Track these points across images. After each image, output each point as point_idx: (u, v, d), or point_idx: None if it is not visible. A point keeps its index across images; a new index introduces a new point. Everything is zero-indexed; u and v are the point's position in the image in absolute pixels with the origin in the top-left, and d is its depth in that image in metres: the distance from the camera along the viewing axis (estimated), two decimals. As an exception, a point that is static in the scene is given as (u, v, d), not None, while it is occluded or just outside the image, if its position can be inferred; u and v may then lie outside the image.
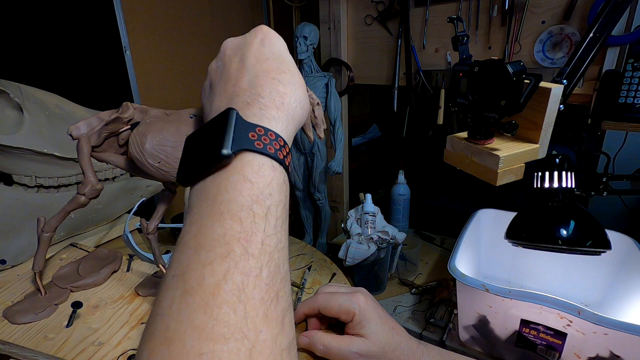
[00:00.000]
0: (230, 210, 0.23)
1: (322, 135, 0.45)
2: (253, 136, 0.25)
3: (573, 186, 0.57)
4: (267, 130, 0.26)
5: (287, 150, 0.27)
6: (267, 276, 0.22)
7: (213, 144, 0.24)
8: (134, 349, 0.42)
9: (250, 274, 0.21)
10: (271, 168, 0.25)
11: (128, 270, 0.58)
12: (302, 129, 0.43)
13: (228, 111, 0.26)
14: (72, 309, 0.46)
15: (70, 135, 0.41)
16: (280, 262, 0.24)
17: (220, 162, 0.24)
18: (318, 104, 0.43)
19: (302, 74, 1.22)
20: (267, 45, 0.31)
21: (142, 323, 0.46)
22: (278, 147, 0.26)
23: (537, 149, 0.53)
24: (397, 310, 0.93)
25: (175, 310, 0.20)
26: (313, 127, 0.45)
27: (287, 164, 0.27)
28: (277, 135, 0.27)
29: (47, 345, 0.42)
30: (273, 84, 0.29)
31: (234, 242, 0.22)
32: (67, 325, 0.45)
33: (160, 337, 0.20)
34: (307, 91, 0.39)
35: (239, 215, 0.23)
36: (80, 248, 0.63)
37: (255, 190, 0.24)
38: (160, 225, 0.53)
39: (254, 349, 0.20)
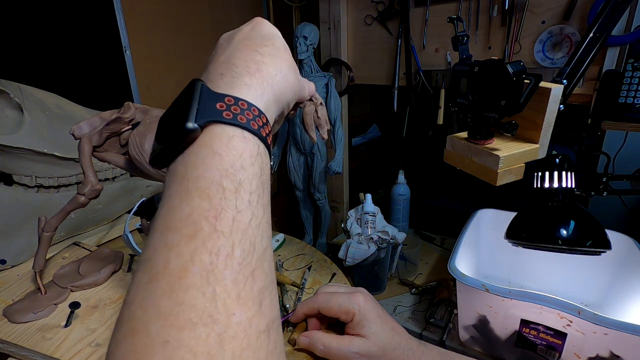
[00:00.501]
0: (198, 187, 0.22)
1: (325, 136, 0.44)
2: (221, 106, 0.24)
3: (573, 186, 0.57)
4: (237, 99, 0.25)
5: (264, 120, 0.26)
6: (240, 255, 0.21)
7: (178, 119, 0.23)
8: None
9: (220, 254, 0.20)
10: (242, 139, 0.24)
11: (129, 270, 0.58)
12: (305, 130, 0.43)
13: (193, 82, 0.25)
14: (70, 310, 0.46)
15: (73, 134, 0.41)
16: (256, 240, 0.22)
17: (186, 137, 0.23)
18: (321, 104, 0.42)
19: (302, 74, 1.21)
20: (257, 29, 0.30)
21: (141, 323, 0.46)
22: (251, 116, 0.25)
23: (537, 149, 0.53)
24: (397, 310, 0.93)
25: (140, 297, 0.19)
26: (316, 128, 0.43)
27: (264, 134, 0.25)
28: (250, 105, 0.25)
29: (44, 345, 0.42)
30: (250, 54, 0.28)
31: (201, 220, 0.21)
32: (65, 326, 0.45)
33: (125, 327, 0.19)
34: (313, 86, 0.39)
35: (207, 192, 0.21)
36: (83, 247, 0.63)
37: (225, 163, 0.22)
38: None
39: (225, 333, 0.18)
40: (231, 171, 0.22)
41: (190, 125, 0.22)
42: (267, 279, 0.22)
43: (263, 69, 0.27)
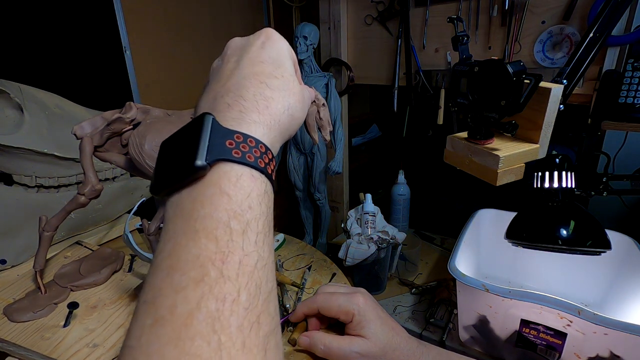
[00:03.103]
0: (206, 227, 0.21)
1: (327, 137, 0.43)
2: (230, 144, 0.24)
3: (573, 186, 0.57)
4: (246, 136, 0.24)
5: (270, 157, 0.26)
6: (245, 299, 0.20)
7: (187, 153, 0.23)
8: None
9: (226, 300, 0.20)
10: (250, 178, 0.24)
11: (130, 270, 0.58)
12: (307, 130, 0.42)
13: (203, 116, 0.24)
14: (68, 310, 0.46)
15: (75, 134, 0.41)
16: (262, 282, 0.22)
17: (195, 174, 0.23)
18: (324, 104, 0.41)
19: (302, 74, 1.21)
20: (267, 48, 0.30)
21: (141, 323, 0.46)
22: (259, 154, 0.24)
23: (537, 149, 0.53)
24: (397, 310, 0.93)
25: (144, 342, 0.19)
26: (318, 128, 0.43)
27: (269, 172, 0.25)
28: (258, 142, 0.25)
29: (42, 345, 0.42)
30: (260, 87, 0.27)
31: (208, 264, 0.20)
32: (64, 326, 0.45)
33: None
34: (313, 91, 0.38)
35: (214, 234, 0.21)
36: (85, 246, 0.63)
37: (233, 204, 0.22)
38: (161, 225, 0.52)
39: None
40: (239, 212, 0.22)
41: (200, 163, 0.22)
42: (273, 323, 0.22)
43: (272, 105, 0.27)
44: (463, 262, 0.75)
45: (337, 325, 0.44)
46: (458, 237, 0.81)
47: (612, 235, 0.67)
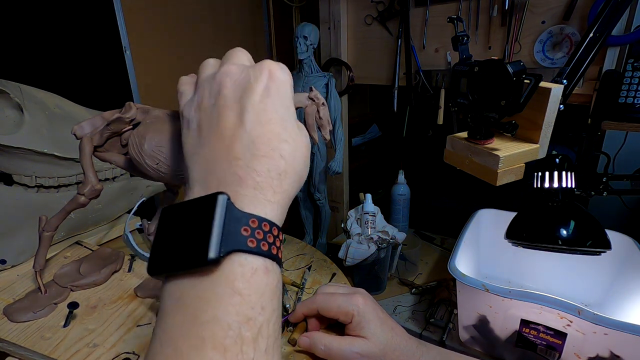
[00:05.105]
0: (214, 335, 0.19)
1: (327, 137, 0.43)
2: (246, 231, 0.21)
3: (573, 186, 0.57)
4: (261, 220, 0.22)
5: (281, 238, 0.23)
6: None
7: (197, 240, 0.20)
8: (127, 352, 0.42)
9: None
10: (265, 272, 0.21)
11: (129, 270, 0.58)
12: (307, 130, 0.42)
13: (216, 197, 0.21)
14: (68, 310, 0.46)
15: (74, 134, 0.41)
16: None
17: (204, 267, 0.20)
18: (323, 104, 0.40)
19: (302, 74, 1.21)
20: (272, 96, 0.25)
21: (137, 325, 0.46)
22: (272, 239, 0.22)
23: (537, 149, 0.53)
24: (397, 310, 0.93)
25: None
26: (318, 128, 0.43)
27: (280, 256, 0.23)
28: (272, 224, 0.22)
29: (43, 345, 0.42)
30: (273, 158, 0.24)
31: None
32: (64, 326, 0.45)
33: None
34: (313, 90, 0.38)
35: (223, 343, 0.19)
36: (85, 247, 0.63)
37: (246, 306, 0.20)
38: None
39: None
40: (251, 315, 0.20)
41: (213, 256, 0.19)
42: None
43: (285, 181, 0.24)
44: (463, 262, 0.75)
45: (336, 326, 0.44)
46: (458, 237, 0.81)
47: (612, 235, 0.67)
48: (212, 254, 0.19)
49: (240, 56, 0.27)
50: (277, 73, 0.26)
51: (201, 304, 0.20)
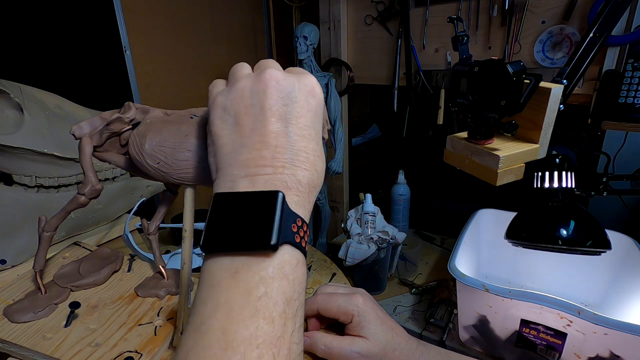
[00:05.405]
0: (266, 307, 0.22)
1: (326, 136, 0.44)
2: (294, 228, 0.24)
3: (573, 186, 0.57)
4: (303, 221, 0.25)
5: (307, 238, 0.26)
6: None
7: (260, 227, 0.23)
8: (130, 351, 0.42)
9: None
10: (302, 264, 0.25)
11: (129, 270, 0.58)
12: None
13: (276, 194, 0.24)
14: (69, 309, 0.46)
15: (73, 134, 0.41)
16: None
17: (264, 251, 0.23)
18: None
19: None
20: (312, 110, 0.28)
21: (139, 325, 0.46)
22: (307, 239, 0.26)
23: (537, 149, 0.53)
24: (397, 310, 0.93)
25: None
26: None
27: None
28: (308, 227, 0.26)
29: (44, 345, 0.42)
30: (312, 172, 0.27)
31: (264, 346, 0.21)
32: (65, 325, 0.45)
33: None
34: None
35: (272, 316, 0.22)
36: (84, 247, 0.63)
37: (289, 289, 0.23)
38: (161, 225, 0.53)
39: None
40: (293, 297, 0.23)
41: (274, 242, 0.23)
42: None
43: (313, 193, 0.28)
44: (463, 262, 0.75)
45: (336, 326, 0.44)
46: (458, 237, 0.81)
47: (612, 235, 0.67)
48: (274, 240, 0.22)
49: (278, 65, 0.29)
50: (316, 89, 0.28)
51: (255, 281, 0.22)
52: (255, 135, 0.26)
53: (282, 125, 0.26)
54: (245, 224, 0.24)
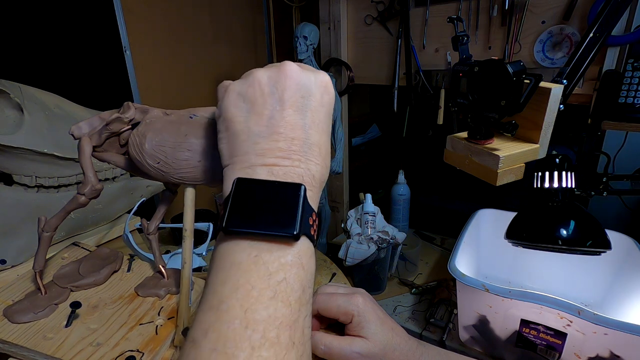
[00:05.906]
0: (285, 291, 0.23)
1: None
2: (310, 221, 0.25)
3: (573, 186, 0.57)
4: (317, 215, 0.27)
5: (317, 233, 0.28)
6: None
7: (284, 216, 0.24)
8: (131, 350, 0.42)
9: None
10: (314, 256, 0.26)
11: (129, 270, 0.58)
12: None
13: (300, 187, 0.25)
14: (70, 309, 0.46)
15: (72, 135, 0.41)
16: (310, 355, 0.24)
17: (287, 239, 0.24)
18: None
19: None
20: (325, 106, 0.29)
21: (140, 324, 0.46)
22: (318, 233, 0.27)
23: (537, 149, 0.53)
24: (397, 310, 0.93)
25: None
26: None
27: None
28: (319, 222, 0.28)
29: (45, 345, 0.42)
30: (324, 167, 0.28)
31: (283, 327, 0.22)
32: (66, 325, 0.45)
33: None
34: None
35: (289, 300, 0.23)
36: (83, 247, 0.63)
37: (305, 277, 0.24)
38: (160, 225, 0.53)
39: None
40: (307, 285, 0.25)
41: (296, 232, 0.24)
42: None
43: (321, 187, 0.29)
44: (463, 262, 0.75)
45: (336, 325, 0.44)
46: (458, 237, 0.81)
47: (612, 235, 0.67)
48: (296, 230, 0.24)
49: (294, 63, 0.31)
50: (330, 87, 0.29)
51: (275, 266, 0.23)
52: (272, 125, 0.26)
53: (299, 117, 0.27)
54: (270, 211, 0.24)
